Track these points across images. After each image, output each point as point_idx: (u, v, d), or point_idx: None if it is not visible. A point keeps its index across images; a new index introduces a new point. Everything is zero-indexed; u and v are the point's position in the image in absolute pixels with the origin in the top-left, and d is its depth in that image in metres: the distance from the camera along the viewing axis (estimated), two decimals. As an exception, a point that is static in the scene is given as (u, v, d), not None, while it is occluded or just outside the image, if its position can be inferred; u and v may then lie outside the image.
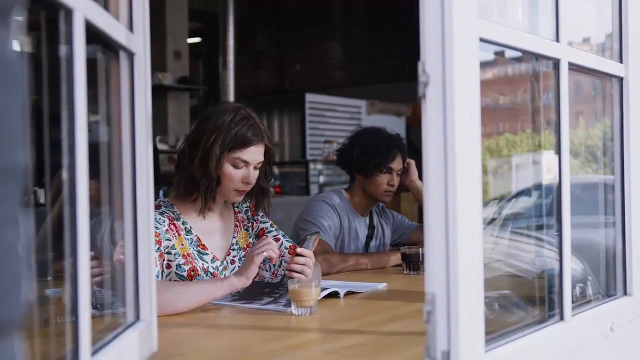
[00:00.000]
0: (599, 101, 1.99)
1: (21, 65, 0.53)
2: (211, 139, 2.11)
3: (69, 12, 0.97)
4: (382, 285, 2.32)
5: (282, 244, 2.31)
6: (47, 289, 1.55)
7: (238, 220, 2.34)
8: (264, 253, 1.95)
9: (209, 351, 1.57)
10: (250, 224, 2.36)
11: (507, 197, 2.30)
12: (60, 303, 1.50)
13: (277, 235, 2.36)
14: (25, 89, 0.53)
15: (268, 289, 2.11)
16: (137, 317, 1.35)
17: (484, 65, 1.28)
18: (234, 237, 2.30)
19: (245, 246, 2.31)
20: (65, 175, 0.99)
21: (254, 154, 2.18)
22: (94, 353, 1.06)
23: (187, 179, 2.16)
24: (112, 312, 1.43)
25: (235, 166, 2.15)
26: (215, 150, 2.11)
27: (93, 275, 1.44)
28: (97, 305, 1.36)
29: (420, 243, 2.89)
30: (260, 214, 2.39)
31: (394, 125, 6.82)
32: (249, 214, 2.37)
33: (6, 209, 0.51)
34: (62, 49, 1.00)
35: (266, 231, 2.36)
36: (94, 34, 1.09)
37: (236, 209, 2.36)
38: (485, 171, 1.28)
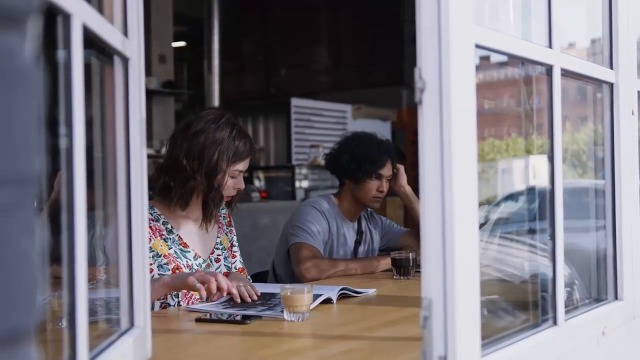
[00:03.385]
0: (584, 106, 2.01)
1: (37, 72, 0.53)
2: (215, 156, 2.20)
3: (67, 17, 0.97)
4: (372, 291, 2.32)
5: (235, 262, 2.42)
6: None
7: (220, 223, 2.43)
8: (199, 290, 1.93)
9: (203, 357, 1.56)
10: (230, 230, 2.47)
11: (495, 202, 2.32)
12: (50, 309, 1.49)
13: (236, 252, 2.47)
14: (40, 95, 0.53)
15: (261, 300, 2.10)
16: (132, 324, 1.34)
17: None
18: (217, 237, 2.39)
19: (227, 247, 2.41)
20: (62, 180, 0.98)
21: (247, 163, 2.31)
22: (90, 360, 1.06)
23: (189, 192, 2.23)
24: (99, 318, 1.42)
25: (232, 177, 2.26)
26: (222, 166, 2.21)
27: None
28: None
29: (409, 248, 2.90)
30: (232, 226, 2.49)
31: (380, 130, 6.80)
32: (226, 220, 2.47)
33: (22, 216, 0.50)
34: (60, 54, 0.99)
35: (232, 245, 2.47)
36: (89, 39, 1.08)
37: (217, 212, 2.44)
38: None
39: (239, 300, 2.02)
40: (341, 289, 2.16)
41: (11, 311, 0.49)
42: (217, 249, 2.36)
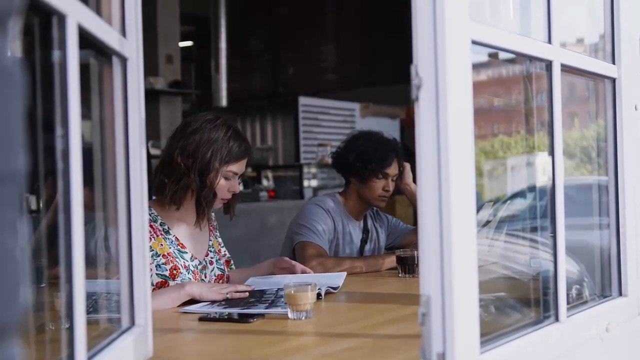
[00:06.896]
0: (593, 102, 2.00)
1: (19, 71, 0.54)
2: (208, 154, 2.22)
3: (62, 18, 0.97)
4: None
5: (213, 269, 2.40)
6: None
7: (211, 226, 2.47)
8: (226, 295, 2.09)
9: (204, 356, 1.56)
10: (217, 232, 2.50)
11: (502, 199, 2.31)
12: (53, 309, 1.50)
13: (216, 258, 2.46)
14: (23, 94, 0.53)
15: (263, 296, 2.10)
16: (132, 323, 1.34)
17: (478, 66, 1.28)
18: (209, 240, 2.42)
19: (217, 251, 2.44)
20: (59, 181, 0.99)
21: (243, 166, 2.32)
22: (89, 358, 1.06)
23: (182, 189, 2.24)
24: (102, 317, 1.43)
25: (226, 178, 2.28)
26: (215, 164, 2.23)
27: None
28: (89, 309, 1.35)
29: (415, 246, 2.89)
30: (217, 230, 2.52)
31: (388, 128, 6.81)
32: (215, 223, 2.51)
33: (5, 213, 0.51)
34: (55, 54, 0.99)
35: (220, 245, 2.50)
36: (86, 39, 1.09)
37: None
38: (480, 173, 1.28)
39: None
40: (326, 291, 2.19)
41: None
42: (210, 251, 2.40)
